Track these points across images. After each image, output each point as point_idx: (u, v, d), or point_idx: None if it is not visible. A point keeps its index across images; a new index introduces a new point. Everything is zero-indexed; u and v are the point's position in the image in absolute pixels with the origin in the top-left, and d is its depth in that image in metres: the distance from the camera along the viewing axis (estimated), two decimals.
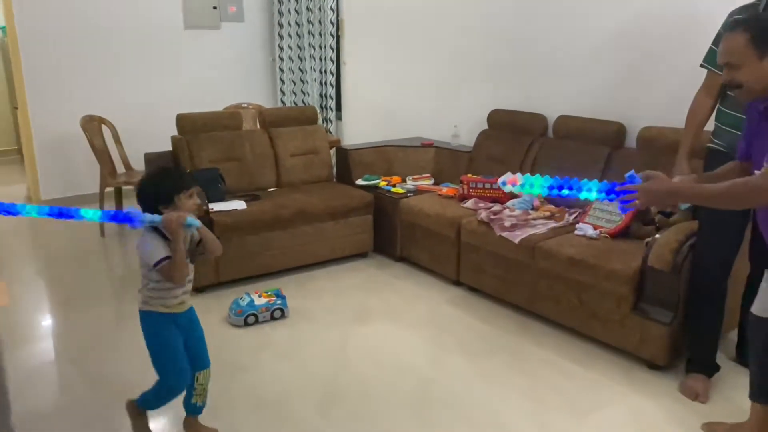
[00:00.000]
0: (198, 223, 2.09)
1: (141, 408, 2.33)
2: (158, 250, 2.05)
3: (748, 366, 2.56)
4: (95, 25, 5.56)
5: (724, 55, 1.89)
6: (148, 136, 4.80)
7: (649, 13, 3.56)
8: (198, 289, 3.72)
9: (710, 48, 2.63)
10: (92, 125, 4.99)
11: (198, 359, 2.28)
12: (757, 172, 1.87)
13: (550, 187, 1.92)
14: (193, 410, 2.35)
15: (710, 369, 2.73)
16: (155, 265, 2.05)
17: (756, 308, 2.07)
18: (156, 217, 2.02)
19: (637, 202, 1.88)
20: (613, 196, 1.88)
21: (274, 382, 2.79)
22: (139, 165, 4.61)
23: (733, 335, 3.01)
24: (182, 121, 4.29)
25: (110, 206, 5.11)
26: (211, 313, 3.46)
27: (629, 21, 3.68)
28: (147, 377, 2.22)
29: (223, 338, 3.20)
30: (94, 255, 4.55)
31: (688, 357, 2.78)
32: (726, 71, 1.90)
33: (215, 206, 3.82)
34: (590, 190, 1.89)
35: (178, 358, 2.19)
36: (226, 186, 4.13)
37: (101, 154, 4.94)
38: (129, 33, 5.73)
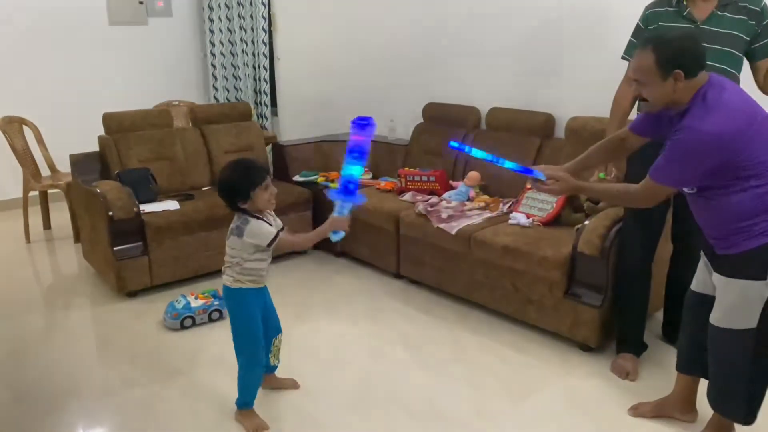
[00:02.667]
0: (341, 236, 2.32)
1: (244, 408, 2.46)
2: (265, 228, 2.25)
3: (674, 343, 2.69)
4: (14, 22, 5.28)
5: (633, 71, 2.02)
6: (73, 136, 4.59)
7: (569, 5, 3.67)
8: (130, 294, 3.61)
9: (630, 41, 2.72)
10: (12, 126, 4.74)
11: (273, 327, 2.53)
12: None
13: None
14: (271, 369, 2.62)
15: (639, 348, 2.85)
16: (269, 244, 2.26)
17: (716, 319, 2.10)
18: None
19: (544, 187, 2.33)
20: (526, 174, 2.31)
21: (212, 386, 2.74)
22: (64, 167, 4.42)
23: (659, 315, 3.15)
24: (109, 120, 4.13)
25: (35, 211, 4.90)
26: (145, 318, 3.36)
27: (552, 13, 3.77)
28: (73, 388, 2.14)
29: (158, 343, 3.12)
30: (19, 262, 4.34)
31: (617, 338, 2.89)
32: (635, 85, 2.04)
33: (147, 207, 3.71)
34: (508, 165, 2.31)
35: (259, 335, 2.40)
36: (157, 186, 4.01)
37: (23, 156, 4.70)
38: (50, 29, 5.47)
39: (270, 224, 2.29)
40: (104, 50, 5.79)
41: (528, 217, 3.36)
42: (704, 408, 2.28)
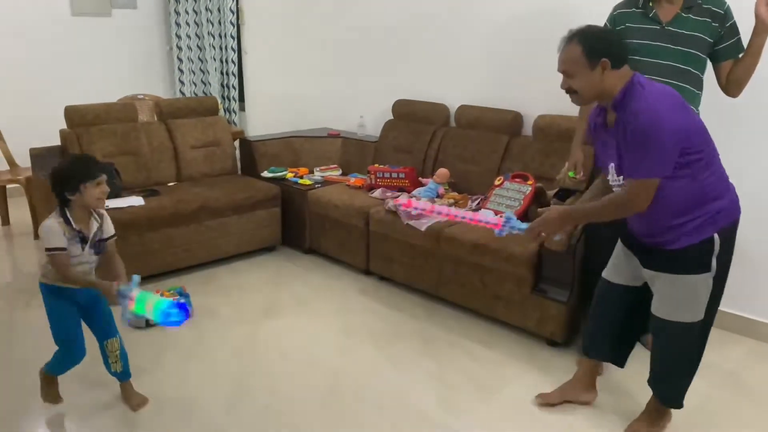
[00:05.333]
0: (130, 292, 2.15)
1: (48, 373, 2.44)
2: (56, 237, 2.17)
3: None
4: None
5: (561, 63, 2.04)
6: (33, 130, 4.47)
7: (538, 5, 3.70)
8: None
9: None
10: None
11: (103, 330, 2.43)
12: (608, 177, 2.13)
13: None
14: (118, 376, 2.50)
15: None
16: (47, 250, 2.17)
17: (665, 312, 2.16)
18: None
19: (543, 234, 2.26)
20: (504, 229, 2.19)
21: (179, 383, 2.70)
22: (24, 161, 4.29)
23: None
24: (71, 113, 4.03)
25: None
26: None
27: (522, 12, 3.80)
28: (34, 388, 2.09)
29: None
30: None
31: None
32: (563, 79, 2.06)
33: (111, 203, 3.60)
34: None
35: (69, 330, 2.34)
36: (121, 181, 3.93)
37: None
38: (10, 20, 5.30)
39: (72, 231, 2.20)
40: (66, 42, 5.64)
41: (496, 214, 3.38)
42: (605, 389, 2.34)
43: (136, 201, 3.72)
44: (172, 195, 3.91)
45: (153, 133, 4.30)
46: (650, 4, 2.55)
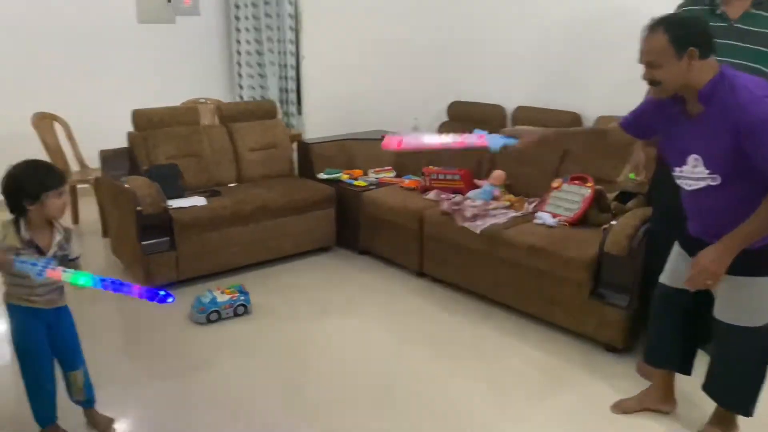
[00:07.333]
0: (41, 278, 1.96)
1: (43, 425, 2.26)
2: None
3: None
4: (46, 20, 5.38)
5: (645, 54, 1.97)
6: (103, 133, 4.66)
7: (598, 6, 3.63)
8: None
9: None
10: (44, 123, 4.84)
11: (67, 360, 2.26)
12: (677, 169, 2.04)
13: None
14: (81, 405, 2.37)
15: None
16: None
17: (730, 318, 2.10)
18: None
19: (709, 282, 2.01)
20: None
21: (237, 380, 2.77)
22: (94, 163, 4.49)
23: None
24: (138, 117, 4.20)
25: None
26: (172, 312, 3.40)
27: (580, 11, 3.74)
28: (101, 380, 2.17)
29: (184, 336, 3.16)
30: None
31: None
32: (646, 70, 1.99)
33: (174, 203, 3.75)
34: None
35: (34, 353, 2.16)
36: (184, 182, 4.06)
37: (54, 152, 4.79)
38: (81, 28, 5.55)
39: (28, 241, 2.03)
40: (133, 48, 5.87)
41: (554, 217, 3.34)
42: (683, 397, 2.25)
43: (199, 201, 3.84)
44: (232, 196, 4.01)
45: (214, 135, 4.43)
46: (717, 0, 2.46)
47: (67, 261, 2.16)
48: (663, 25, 1.91)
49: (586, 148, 2.42)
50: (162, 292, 2.01)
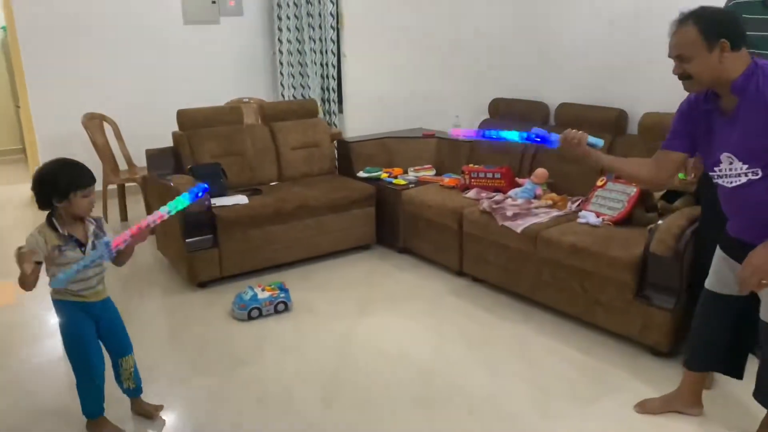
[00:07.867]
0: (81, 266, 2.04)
1: (91, 418, 2.36)
2: (32, 251, 2.04)
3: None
4: (95, 23, 5.56)
5: (675, 48, 1.92)
6: (149, 132, 4.80)
7: (646, 2, 3.54)
8: (201, 284, 3.74)
9: None
10: (93, 123, 5.00)
11: (117, 347, 2.38)
12: (716, 169, 1.98)
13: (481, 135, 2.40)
14: (130, 393, 2.46)
15: None
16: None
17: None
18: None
19: (764, 281, 1.91)
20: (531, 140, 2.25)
21: (278, 376, 2.80)
22: (141, 162, 4.62)
23: None
24: (183, 116, 4.29)
25: (113, 204, 5.16)
26: (215, 308, 3.48)
27: (627, 9, 3.64)
28: (146, 374, 2.21)
29: (226, 332, 3.22)
30: None
31: None
32: (677, 64, 1.93)
33: (217, 201, 3.82)
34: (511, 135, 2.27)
35: (85, 346, 2.25)
36: (227, 181, 4.13)
37: (103, 151, 4.95)
38: (129, 29, 5.72)
39: (68, 236, 2.11)
40: (179, 49, 6.01)
41: (598, 216, 3.27)
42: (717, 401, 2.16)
43: (241, 199, 3.90)
44: (273, 194, 4.07)
45: (257, 134, 4.49)
46: None
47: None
48: (693, 17, 1.87)
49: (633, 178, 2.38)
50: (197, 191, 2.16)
